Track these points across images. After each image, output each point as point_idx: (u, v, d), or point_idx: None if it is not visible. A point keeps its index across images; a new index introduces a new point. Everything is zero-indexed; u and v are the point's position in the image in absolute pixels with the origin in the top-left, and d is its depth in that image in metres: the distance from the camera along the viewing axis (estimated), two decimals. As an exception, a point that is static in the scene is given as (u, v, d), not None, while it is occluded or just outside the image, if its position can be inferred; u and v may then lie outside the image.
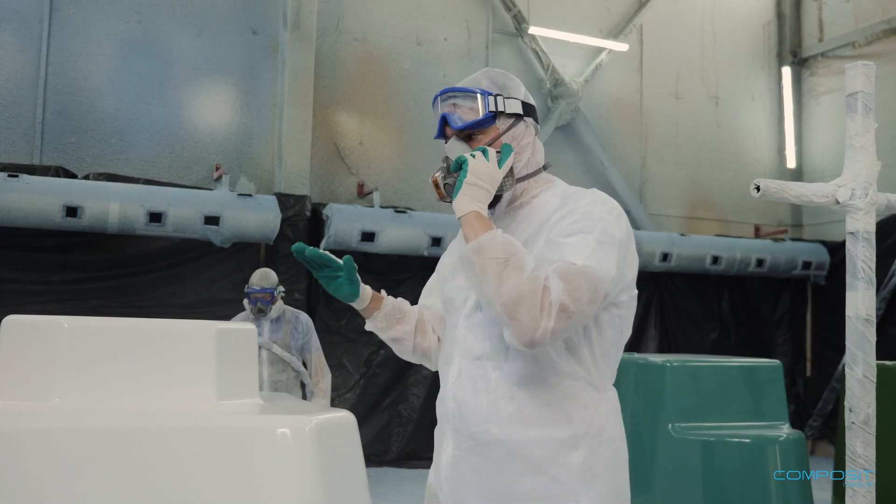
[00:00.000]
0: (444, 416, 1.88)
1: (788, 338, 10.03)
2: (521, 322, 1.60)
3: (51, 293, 7.04)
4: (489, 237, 1.68)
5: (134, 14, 7.74)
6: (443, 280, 2.06)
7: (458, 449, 1.81)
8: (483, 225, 1.72)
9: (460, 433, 1.81)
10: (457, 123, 1.86)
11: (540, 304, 1.60)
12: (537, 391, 1.75)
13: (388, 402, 8.07)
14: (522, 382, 1.76)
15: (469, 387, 1.81)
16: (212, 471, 1.71)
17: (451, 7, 9.03)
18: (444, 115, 1.88)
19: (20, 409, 1.81)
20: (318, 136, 8.24)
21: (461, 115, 1.87)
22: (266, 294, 5.19)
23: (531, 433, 1.74)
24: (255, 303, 5.20)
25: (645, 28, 9.99)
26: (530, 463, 1.73)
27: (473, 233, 1.71)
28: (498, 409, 1.76)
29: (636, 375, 4.88)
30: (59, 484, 1.62)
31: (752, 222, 10.28)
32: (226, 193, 7.37)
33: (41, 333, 1.93)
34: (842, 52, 10.15)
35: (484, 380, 1.79)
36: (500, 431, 1.75)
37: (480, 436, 1.77)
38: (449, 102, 1.88)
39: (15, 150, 7.25)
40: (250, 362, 2.12)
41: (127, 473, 1.66)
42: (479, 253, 1.67)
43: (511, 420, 1.75)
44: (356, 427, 2.06)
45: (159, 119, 7.75)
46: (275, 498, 1.72)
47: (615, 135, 9.75)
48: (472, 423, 1.78)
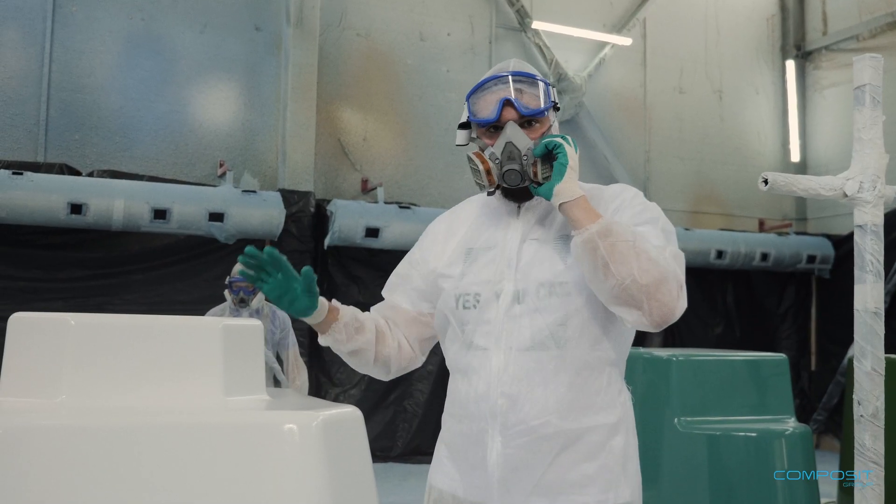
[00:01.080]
0: (487, 413, 1.77)
1: (793, 332, 10.01)
2: (662, 302, 1.66)
3: (56, 290, 7.05)
4: (611, 220, 1.69)
5: (137, 11, 7.74)
6: (439, 276, 1.93)
7: (510, 447, 1.75)
8: (593, 209, 1.72)
9: (512, 429, 1.75)
10: (526, 108, 1.81)
11: (678, 284, 1.69)
12: (589, 379, 1.78)
13: (394, 398, 8.08)
14: (578, 371, 1.77)
15: (523, 380, 1.75)
16: (219, 467, 1.71)
17: (455, 2, 9.02)
18: (508, 99, 1.80)
19: (28, 407, 1.81)
20: (321, 132, 8.23)
21: (526, 102, 1.82)
22: (249, 284, 5.18)
23: (588, 421, 1.76)
24: (238, 292, 5.22)
25: (648, 22, 9.97)
26: (585, 450, 1.75)
27: (589, 217, 1.69)
28: (559, 399, 1.74)
29: (641, 370, 4.88)
30: (66, 481, 1.62)
31: (757, 216, 10.26)
32: (230, 190, 7.37)
33: (48, 331, 1.93)
34: (846, 45, 10.12)
35: (540, 372, 1.75)
36: (562, 422, 1.74)
37: (540, 428, 1.73)
38: (514, 86, 1.82)
39: (19, 148, 7.25)
40: (257, 358, 2.12)
41: (134, 470, 1.66)
42: (607, 236, 1.65)
43: (571, 409, 1.75)
44: (363, 422, 2.06)
45: (163, 116, 7.75)
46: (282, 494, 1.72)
47: (619, 129, 9.74)
48: (530, 416, 1.74)
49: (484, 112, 1.83)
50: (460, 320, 1.87)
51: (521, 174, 1.76)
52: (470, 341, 1.84)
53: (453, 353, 1.90)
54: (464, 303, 1.86)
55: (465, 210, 2.02)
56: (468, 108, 1.88)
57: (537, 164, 1.77)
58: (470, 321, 1.84)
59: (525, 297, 1.79)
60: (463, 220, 1.99)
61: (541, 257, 1.82)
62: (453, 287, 1.89)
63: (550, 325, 1.76)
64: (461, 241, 1.94)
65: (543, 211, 1.88)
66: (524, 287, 1.80)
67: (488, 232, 1.90)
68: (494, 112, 1.81)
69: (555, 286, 1.78)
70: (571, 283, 1.78)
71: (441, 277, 1.93)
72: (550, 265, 1.80)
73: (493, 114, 1.81)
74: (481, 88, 1.85)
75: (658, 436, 4.62)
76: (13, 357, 1.95)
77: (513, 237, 1.86)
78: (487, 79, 1.85)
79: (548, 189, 1.74)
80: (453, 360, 1.90)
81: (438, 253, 1.97)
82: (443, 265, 1.94)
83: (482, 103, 1.84)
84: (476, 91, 1.86)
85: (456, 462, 1.86)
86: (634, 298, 1.65)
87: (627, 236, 1.66)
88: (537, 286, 1.79)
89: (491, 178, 1.80)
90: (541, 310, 1.77)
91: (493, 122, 1.82)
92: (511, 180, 1.77)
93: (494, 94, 1.83)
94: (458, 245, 1.94)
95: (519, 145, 1.77)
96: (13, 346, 1.95)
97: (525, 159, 1.77)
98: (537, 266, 1.81)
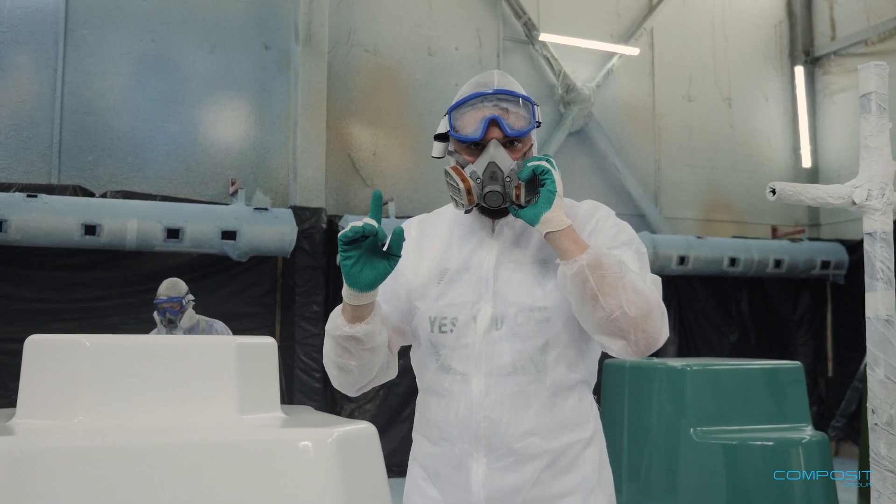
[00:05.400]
0: (470, 437, 1.77)
1: (809, 338, 9.95)
2: (648, 333, 1.67)
3: (71, 311, 7.10)
4: (600, 251, 1.68)
5: (147, 33, 7.81)
6: (413, 293, 1.87)
7: (493, 469, 1.76)
8: (580, 238, 1.72)
9: (496, 451, 1.76)
10: (511, 129, 1.76)
11: (662, 314, 1.70)
12: (568, 398, 1.81)
13: (408, 413, 8.06)
14: (556, 392, 1.79)
15: (505, 404, 1.75)
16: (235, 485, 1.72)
17: (462, 16, 9.05)
18: (495, 118, 1.75)
19: (45, 428, 1.82)
20: (332, 148, 8.27)
21: (511, 122, 1.77)
22: (174, 303, 5.04)
23: (566, 438, 1.79)
24: (164, 313, 5.04)
25: (656, 32, 9.98)
26: (564, 465, 1.79)
27: (578, 247, 1.68)
28: (541, 422, 1.77)
29: (657, 381, 4.86)
30: (84, 502, 1.63)
31: (769, 223, 10.22)
32: (242, 208, 7.41)
33: (63, 352, 1.95)
34: (854, 49, 10.09)
35: (522, 395, 1.76)
36: (545, 442, 1.77)
37: (524, 450, 1.75)
38: (500, 105, 1.78)
39: (33, 171, 7.32)
40: (271, 376, 2.13)
41: (151, 490, 1.67)
42: (597, 268, 1.65)
43: (551, 429, 1.78)
44: (377, 439, 2.06)
45: (175, 136, 7.81)
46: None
47: (629, 139, 9.73)
48: (513, 439, 1.75)
49: (467, 129, 1.78)
50: (435, 343, 1.83)
51: (502, 196, 1.73)
52: (448, 365, 1.81)
53: (429, 375, 1.85)
54: (440, 326, 1.82)
55: (436, 227, 1.95)
56: (449, 121, 1.81)
57: (521, 187, 1.73)
58: (446, 345, 1.81)
59: (503, 322, 1.78)
60: (434, 237, 1.92)
61: (518, 281, 1.80)
62: (428, 308, 1.84)
63: (530, 350, 1.77)
64: (435, 260, 1.88)
65: (518, 230, 1.86)
66: (502, 311, 1.78)
67: (463, 252, 1.86)
68: (479, 131, 1.76)
69: (534, 311, 1.78)
70: (551, 308, 1.78)
71: (415, 296, 1.87)
72: (529, 290, 1.79)
73: (477, 132, 1.76)
74: (466, 104, 1.79)
75: (674, 446, 4.60)
76: (30, 379, 1.97)
77: (488, 258, 1.83)
78: (472, 95, 1.79)
79: (534, 215, 1.71)
80: (429, 382, 1.86)
81: (413, 266, 1.89)
82: (418, 283, 1.87)
83: (466, 119, 1.79)
84: (460, 106, 1.80)
85: (434, 483, 1.84)
86: (622, 330, 1.67)
87: (615, 268, 1.66)
88: (515, 311, 1.78)
89: (471, 196, 1.75)
90: (520, 335, 1.77)
91: (477, 140, 1.77)
92: (492, 202, 1.74)
93: (479, 111, 1.78)
94: (431, 264, 1.87)
95: (502, 166, 1.73)
96: (30, 369, 1.97)
97: (508, 181, 1.73)
98: (515, 290, 1.79)
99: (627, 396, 5.06)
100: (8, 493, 1.57)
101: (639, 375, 5.02)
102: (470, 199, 1.76)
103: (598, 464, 1.84)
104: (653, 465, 4.67)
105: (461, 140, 1.80)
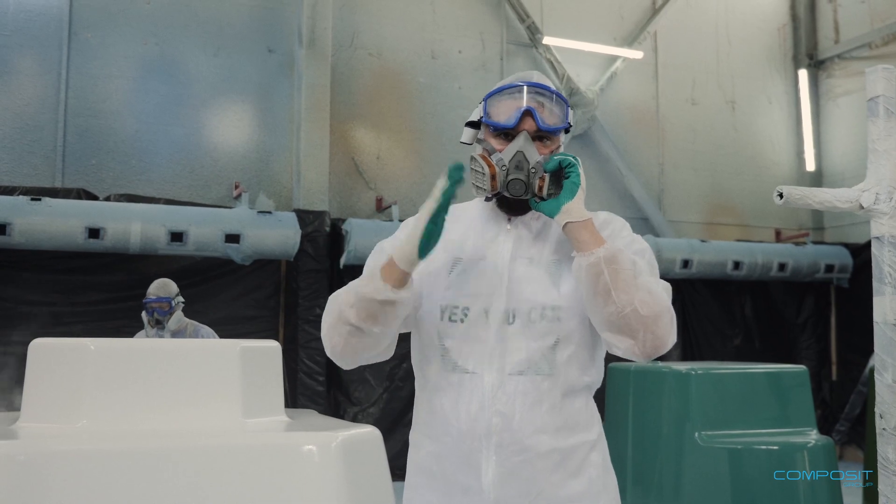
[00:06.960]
0: (480, 433, 1.75)
1: (813, 342, 9.93)
2: (657, 335, 1.67)
3: (75, 315, 7.10)
4: (617, 247, 1.70)
5: (151, 36, 7.82)
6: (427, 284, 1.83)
7: (504, 466, 1.74)
8: (598, 232, 1.73)
9: (507, 448, 1.74)
10: (544, 123, 1.78)
11: (671, 318, 1.71)
12: (576, 399, 1.81)
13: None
14: (567, 393, 1.79)
15: (518, 400, 1.75)
16: (239, 489, 1.71)
17: (465, 20, 9.06)
18: (530, 109, 1.78)
19: (49, 432, 1.82)
20: (335, 151, 8.27)
21: (545, 117, 1.79)
22: (163, 303, 5.04)
23: (574, 440, 1.80)
24: (153, 313, 5.03)
25: (659, 35, 9.98)
26: (572, 467, 1.79)
27: (595, 240, 1.70)
28: (553, 419, 1.77)
29: (662, 384, 4.85)
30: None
31: (773, 226, 10.21)
32: (245, 211, 7.41)
33: (68, 356, 1.95)
34: (858, 52, 10.08)
35: (535, 392, 1.76)
36: (555, 441, 1.77)
37: (535, 447, 1.75)
38: (536, 98, 1.80)
39: (37, 174, 7.33)
40: (275, 380, 2.13)
41: (156, 493, 1.67)
42: (612, 262, 1.67)
43: (560, 428, 1.78)
44: (382, 442, 2.06)
45: (178, 139, 7.82)
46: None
47: (632, 142, 9.73)
48: (525, 435, 1.74)
49: (502, 116, 1.80)
50: (442, 334, 1.81)
51: (525, 185, 1.74)
52: (456, 359, 1.79)
53: (433, 371, 1.83)
54: (450, 315, 1.81)
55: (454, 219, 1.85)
56: (484, 108, 1.84)
57: (545, 178, 1.75)
58: (454, 336, 1.80)
59: (516, 318, 1.78)
60: (450, 228, 1.81)
61: (533, 277, 1.80)
62: (439, 297, 1.82)
63: (543, 349, 1.77)
64: (447, 250, 1.84)
65: (536, 229, 1.86)
66: (516, 307, 1.78)
67: (477, 243, 1.86)
68: (513, 119, 1.78)
69: (547, 310, 1.77)
70: (565, 308, 1.78)
71: (424, 282, 1.83)
72: (543, 288, 1.79)
73: (511, 120, 1.78)
74: (503, 92, 1.82)
75: (679, 450, 4.59)
76: (34, 383, 1.96)
77: (503, 251, 1.83)
78: (511, 84, 1.83)
79: (555, 206, 1.73)
80: (434, 378, 1.83)
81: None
82: (428, 271, 1.83)
83: (501, 107, 1.81)
84: (496, 94, 1.83)
85: (436, 489, 1.82)
86: (631, 328, 1.67)
87: (630, 266, 1.68)
88: (529, 308, 1.78)
89: (494, 183, 1.76)
90: (534, 332, 1.77)
91: (510, 128, 1.79)
92: (515, 190, 1.74)
93: (516, 100, 1.80)
94: (443, 253, 1.83)
95: (529, 157, 1.75)
96: (34, 372, 1.97)
97: (533, 172, 1.74)
98: (529, 286, 1.79)
99: (632, 400, 5.05)
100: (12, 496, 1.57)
101: (643, 379, 5.01)
102: (493, 184, 1.76)
103: (603, 468, 1.85)
104: (657, 469, 4.66)
105: (495, 127, 1.82)
